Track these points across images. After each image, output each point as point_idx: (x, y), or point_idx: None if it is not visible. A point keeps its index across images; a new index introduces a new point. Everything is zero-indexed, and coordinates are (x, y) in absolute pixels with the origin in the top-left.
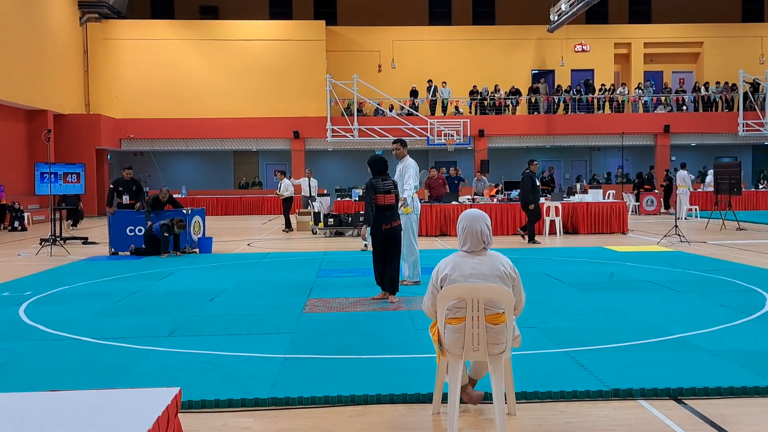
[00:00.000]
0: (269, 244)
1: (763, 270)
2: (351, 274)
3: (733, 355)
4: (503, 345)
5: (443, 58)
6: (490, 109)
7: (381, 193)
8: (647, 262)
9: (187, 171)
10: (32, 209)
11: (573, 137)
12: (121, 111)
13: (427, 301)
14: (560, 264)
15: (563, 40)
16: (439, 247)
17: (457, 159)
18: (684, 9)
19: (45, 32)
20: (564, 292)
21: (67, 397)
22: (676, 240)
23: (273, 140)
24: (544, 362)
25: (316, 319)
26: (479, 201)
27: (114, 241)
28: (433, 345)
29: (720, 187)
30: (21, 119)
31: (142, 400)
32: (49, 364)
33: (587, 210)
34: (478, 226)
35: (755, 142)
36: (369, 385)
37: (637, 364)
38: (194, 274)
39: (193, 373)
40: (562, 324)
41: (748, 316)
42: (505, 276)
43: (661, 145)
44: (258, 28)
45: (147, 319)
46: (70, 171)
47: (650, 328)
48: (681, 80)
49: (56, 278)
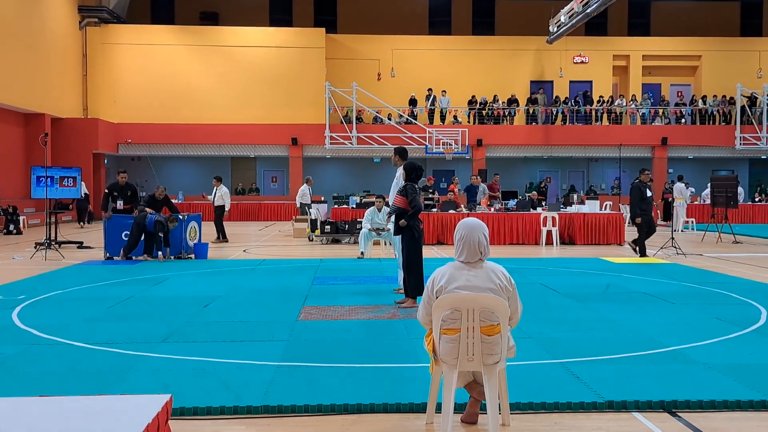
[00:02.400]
0: (265, 250)
1: (758, 283)
2: (347, 281)
3: (728, 368)
4: (498, 355)
5: (442, 67)
6: (489, 119)
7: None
8: (643, 274)
9: (185, 176)
10: (28, 213)
11: (571, 148)
12: (119, 115)
13: (422, 311)
14: (556, 274)
15: (562, 51)
16: (436, 255)
17: (455, 168)
18: (683, 22)
19: (44, 36)
20: (560, 303)
21: (57, 403)
22: (672, 252)
23: (271, 147)
24: (538, 373)
25: (310, 326)
26: (477, 210)
27: (109, 246)
28: (428, 354)
29: (716, 200)
30: (19, 122)
31: (133, 407)
32: (41, 369)
33: (584, 221)
34: (476, 236)
35: (752, 155)
36: (363, 393)
37: (631, 376)
38: (189, 280)
39: (186, 380)
40: (558, 335)
41: (744, 330)
42: (500, 288)
43: (659, 157)
44: (258, 35)
45: (140, 324)
46: (66, 175)
47: (645, 340)
48: (679, 93)
49: (50, 282)
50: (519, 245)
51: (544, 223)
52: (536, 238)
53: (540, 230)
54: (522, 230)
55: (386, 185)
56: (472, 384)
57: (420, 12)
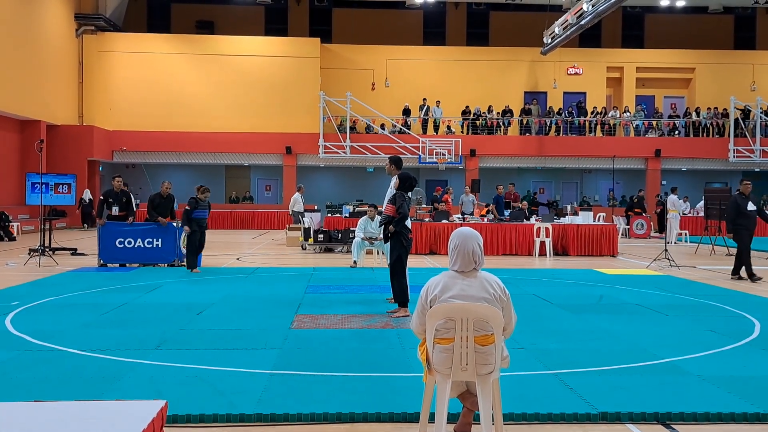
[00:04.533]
0: (259, 258)
1: (751, 296)
2: (340, 290)
3: (722, 380)
4: (491, 365)
5: (437, 77)
6: (482, 129)
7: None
8: (637, 286)
9: (179, 184)
10: (22, 219)
11: (564, 159)
12: (114, 123)
13: (416, 320)
14: (550, 285)
15: (556, 62)
16: (429, 265)
17: (448, 178)
18: (676, 35)
19: (41, 43)
20: (553, 314)
21: (51, 408)
22: (665, 264)
23: (265, 155)
24: (532, 384)
25: (303, 335)
26: (469, 220)
27: (103, 253)
28: (421, 364)
29: (710, 213)
30: (14, 129)
31: (128, 412)
32: (34, 375)
33: (577, 232)
34: (470, 245)
35: (745, 168)
36: (356, 403)
37: (625, 388)
38: (182, 288)
39: (180, 387)
40: (551, 345)
41: (737, 342)
42: (494, 298)
43: (652, 169)
44: (253, 44)
45: (134, 331)
46: (61, 182)
47: (639, 351)
48: (672, 105)
49: (44, 289)
50: (512, 256)
51: (538, 233)
52: (530, 249)
53: (533, 241)
54: (515, 241)
55: (379, 194)
56: (466, 394)
57: (414, 22)
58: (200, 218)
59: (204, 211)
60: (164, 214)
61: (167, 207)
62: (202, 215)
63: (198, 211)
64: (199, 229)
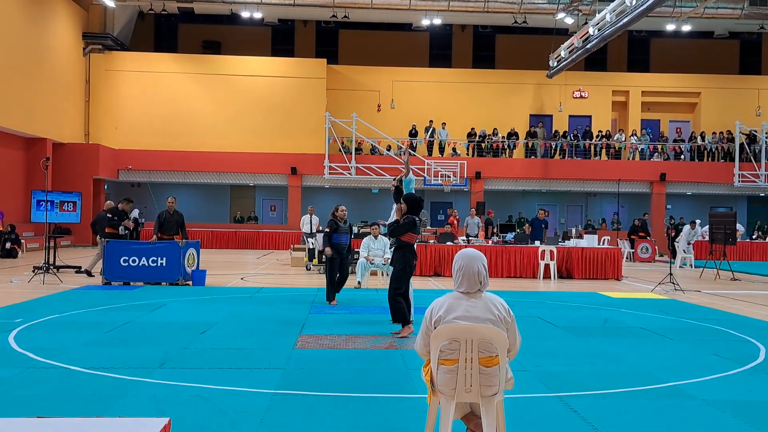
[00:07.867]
0: (263, 278)
1: (756, 321)
2: (344, 311)
3: (726, 405)
4: (496, 387)
5: (442, 100)
6: (488, 152)
7: (416, 232)
8: (641, 309)
9: (184, 203)
10: (27, 236)
11: (569, 182)
12: (120, 141)
13: (420, 341)
14: (554, 308)
15: (562, 86)
16: (433, 287)
17: (453, 200)
18: (682, 59)
19: (48, 61)
20: (557, 337)
21: (53, 425)
22: (670, 288)
23: (270, 176)
24: (536, 406)
25: (307, 355)
26: (474, 242)
27: (107, 272)
28: (425, 385)
29: (715, 237)
30: (20, 147)
31: (132, 429)
32: (37, 392)
33: (582, 255)
34: (475, 266)
35: (750, 193)
36: (359, 423)
37: (629, 411)
38: (186, 307)
39: (182, 406)
40: (555, 368)
41: (742, 367)
42: (499, 320)
43: (657, 193)
44: (260, 65)
45: (137, 349)
46: (66, 199)
47: (643, 375)
48: (678, 129)
49: (47, 306)
50: (517, 278)
51: (542, 256)
52: (534, 272)
53: (538, 264)
54: (520, 263)
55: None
56: (470, 416)
57: (421, 44)
58: (339, 243)
59: (344, 236)
60: (171, 231)
61: (174, 223)
62: (343, 240)
63: (336, 234)
64: (338, 257)
